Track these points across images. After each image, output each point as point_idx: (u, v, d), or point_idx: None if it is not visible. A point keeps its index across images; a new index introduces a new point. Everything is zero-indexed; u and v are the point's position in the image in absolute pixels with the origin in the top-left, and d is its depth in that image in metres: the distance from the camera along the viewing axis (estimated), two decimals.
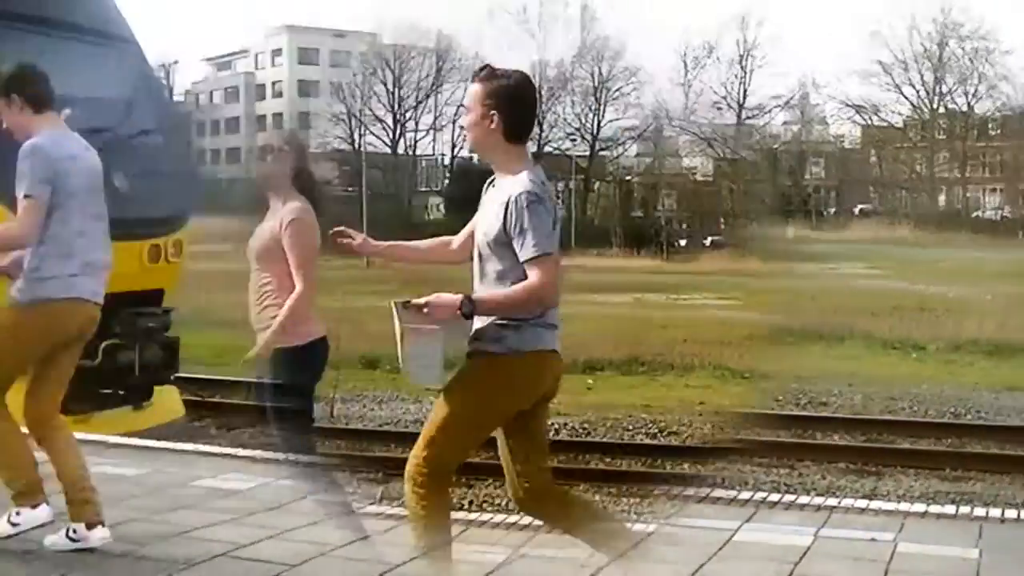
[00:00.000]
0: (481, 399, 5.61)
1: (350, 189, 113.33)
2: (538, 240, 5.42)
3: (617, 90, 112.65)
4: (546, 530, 7.56)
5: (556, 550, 7.06)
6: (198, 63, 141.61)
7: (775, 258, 60.00)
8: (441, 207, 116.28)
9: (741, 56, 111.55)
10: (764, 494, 8.91)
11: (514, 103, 5.59)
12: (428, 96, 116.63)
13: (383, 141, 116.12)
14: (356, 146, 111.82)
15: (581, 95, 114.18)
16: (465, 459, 5.80)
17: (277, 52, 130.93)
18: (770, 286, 44.33)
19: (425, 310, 5.41)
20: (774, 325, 29.06)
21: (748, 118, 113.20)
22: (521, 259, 5.47)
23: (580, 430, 16.17)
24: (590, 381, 20.84)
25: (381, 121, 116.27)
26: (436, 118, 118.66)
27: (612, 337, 25.11)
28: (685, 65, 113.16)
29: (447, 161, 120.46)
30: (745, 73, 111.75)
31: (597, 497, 12.16)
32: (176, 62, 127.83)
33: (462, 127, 5.65)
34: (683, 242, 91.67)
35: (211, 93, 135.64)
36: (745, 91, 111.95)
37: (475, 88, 5.63)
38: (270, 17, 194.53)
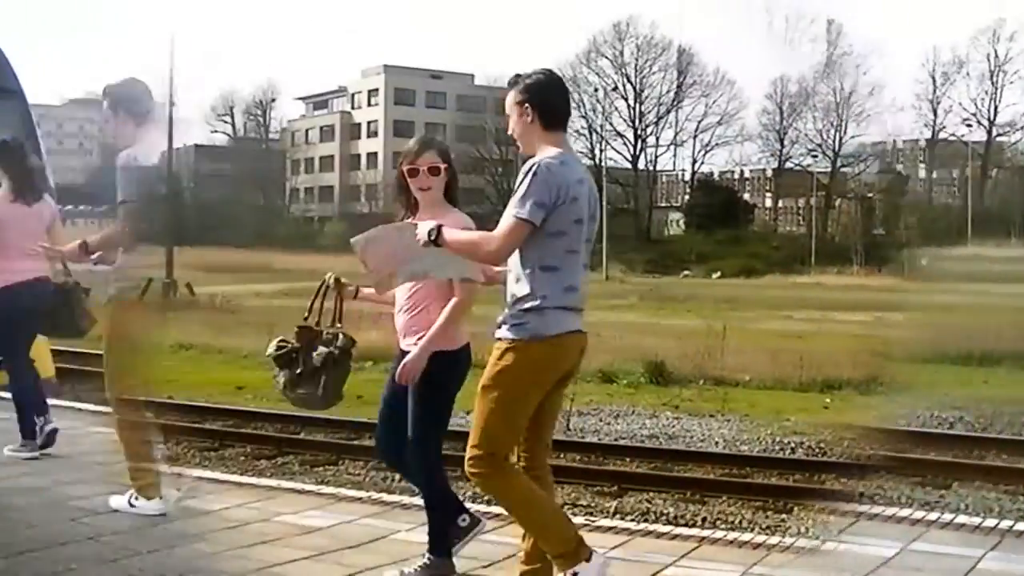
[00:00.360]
0: (512, 387, 5.89)
1: None
2: (524, 202, 5.72)
3: (859, 105, 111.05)
4: (779, 549, 7.57)
5: (792, 570, 7.11)
6: (293, 102, 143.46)
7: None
8: (681, 223, 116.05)
9: (992, 71, 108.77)
10: (1010, 522, 8.66)
11: (544, 94, 6.03)
12: (669, 111, 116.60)
13: (623, 156, 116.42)
14: (597, 161, 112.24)
15: (823, 111, 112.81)
16: (515, 442, 6.09)
17: (374, 92, 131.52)
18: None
19: (419, 236, 5.86)
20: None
21: (999, 135, 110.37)
22: (505, 213, 5.78)
23: (816, 449, 15.97)
24: (827, 400, 20.59)
25: (622, 136, 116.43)
26: (677, 133, 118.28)
27: (851, 356, 24.73)
28: (933, 80, 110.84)
29: (688, 176, 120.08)
30: (996, 89, 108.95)
31: (832, 518, 12.05)
32: (273, 100, 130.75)
33: (512, 138, 5.92)
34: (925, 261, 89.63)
35: (306, 131, 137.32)
36: (996, 107, 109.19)
37: (509, 94, 6.06)
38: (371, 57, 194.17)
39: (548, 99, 6.03)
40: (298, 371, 6.71)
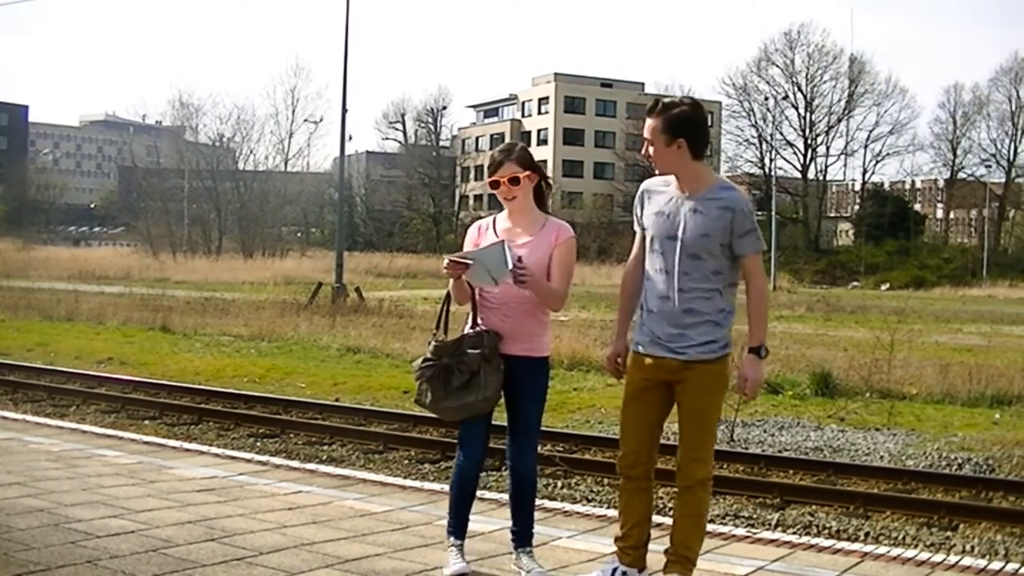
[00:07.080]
0: (721, 400, 6.32)
1: (759, 213, 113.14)
2: (760, 236, 6.16)
3: None
4: (943, 568, 7.46)
5: None
6: (464, 109, 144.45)
7: None
8: (850, 233, 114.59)
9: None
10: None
11: (694, 127, 6.12)
12: (840, 120, 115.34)
13: (793, 165, 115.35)
14: (766, 170, 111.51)
15: (997, 119, 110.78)
16: None
17: (544, 100, 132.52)
18: None
19: (746, 390, 6.16)
20: None
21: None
22: (744, 253, 6.13)
23: (984, 465, 15.67)
24: (996, 415, 20.17)
25: (792, 145, 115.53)
26: (847, 143, 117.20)
27: (1022, 370, 24.18)
28: None
29: (858, 186, 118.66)
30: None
31: (999, 537, 11.84)
32: (444, 108, 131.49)
33: (648, 159, 5.97)
34: None
35: (477, 139, 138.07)
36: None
37: (653, 123, 6.09)
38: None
39: (697, 131, 6.13)
40: (464, 381, 6.57)
